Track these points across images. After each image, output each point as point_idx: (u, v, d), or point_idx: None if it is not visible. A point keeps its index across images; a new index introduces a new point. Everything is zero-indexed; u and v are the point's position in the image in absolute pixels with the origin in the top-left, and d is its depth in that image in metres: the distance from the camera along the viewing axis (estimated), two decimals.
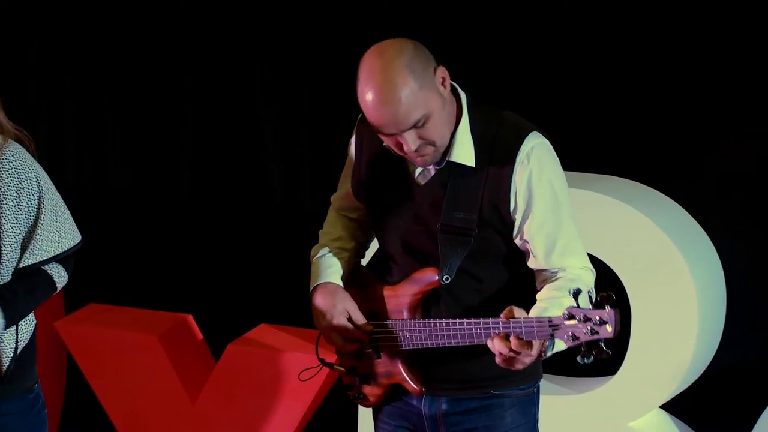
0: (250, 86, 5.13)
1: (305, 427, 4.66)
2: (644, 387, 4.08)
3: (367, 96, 2.90)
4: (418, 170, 3.06)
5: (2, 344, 3.17)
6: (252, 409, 4.58)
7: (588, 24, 4.54)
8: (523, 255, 3.05)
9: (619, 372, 4.13)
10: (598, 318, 2.69)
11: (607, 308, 2.69)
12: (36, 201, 3.13)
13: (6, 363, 3.17)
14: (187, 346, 4.83)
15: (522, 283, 3.07)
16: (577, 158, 3.13)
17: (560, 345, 2.88)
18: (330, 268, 3.23)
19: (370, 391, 3.25)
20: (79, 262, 3.42)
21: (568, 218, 3.03)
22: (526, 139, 2.98)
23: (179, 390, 4.68)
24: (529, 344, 2.82)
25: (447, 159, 3.00)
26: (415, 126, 2.90)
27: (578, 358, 2.74)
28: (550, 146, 3.03)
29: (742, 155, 4.41)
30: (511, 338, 2.82)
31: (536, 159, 2.97)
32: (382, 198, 3.13)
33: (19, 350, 3.20)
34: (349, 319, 3.15)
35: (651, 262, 4.04)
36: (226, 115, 5.20)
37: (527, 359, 2.85)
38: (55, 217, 3.19)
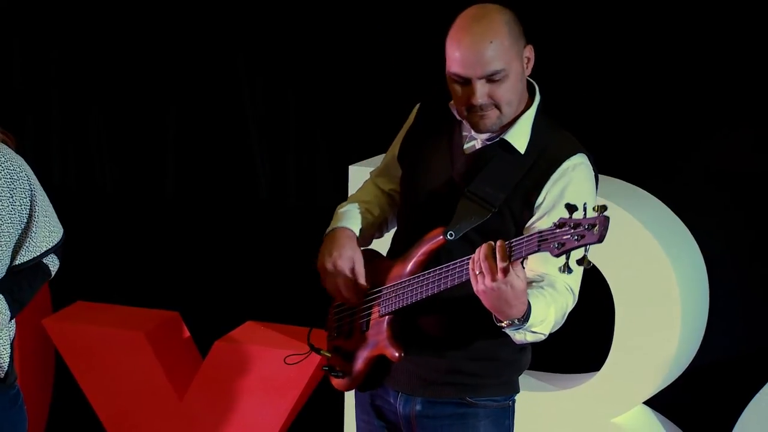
0: (236, 85, 5.12)
1: (292, 423, 4.66)
2: (628, 383, 4.09)
3: (460, 35, 3.01)
4: (469, 143, 3.12)
5: (1, 344, 3.23)
6: (239, 406, 4.59)
7: (570, 22, 4.55)
8: None
9: (602, 368, 4.14)
10: (587, 224, 2.69)
11: (599, 215, 2.69)
12: (28, 200, 3.19)
13: (6, 361, 3.24)
14: (174, 343, 4.84)
15: None
16: None
17: (536, 330, 2.89)
18: (353, 219, 3.26)
19: (352, 368, 3.25)
20: (67, 260, 3.46)
21: None
22: (579, 154, 3.06)
23: (166, 387, 4.69)
24: (509, 266, 2.79)
25: (502, 136, 3.06)
26: (491, 77, 2.98)
27: (559, 269, 2.72)
28: (594, 174, 3.10)
29: (724, 152, 4.42)
30: (497, 246, 2.79)
31: (580, 174, 3.04)
32: (425, 158, 3.18)
33: (12, 349, 3.26)
34: (352, 270, 3.16)
35: (634, 259, 4.05)
36: (211, 114, 5.19)
37: (509, 291, 2.80)
38: (45, 213, 3.25)
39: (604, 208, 2.67)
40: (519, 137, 3.06)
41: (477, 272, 2.84)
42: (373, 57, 4.85)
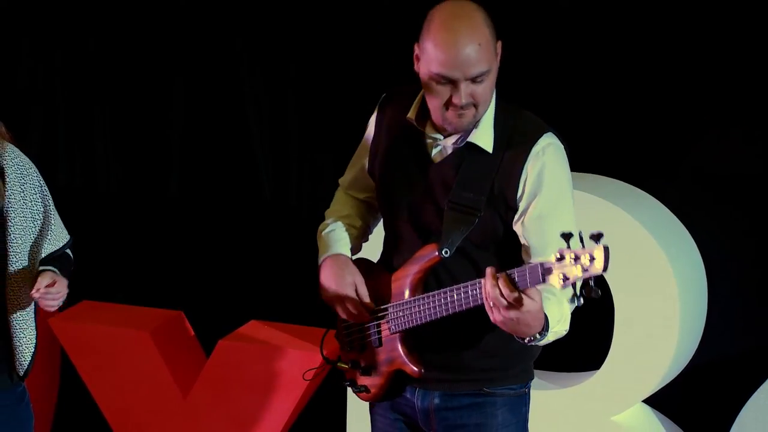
0: (239, 87, 5.13)
1: (295, 421, 4.67)
2: (627, 381, 4.11)
3: (445, 36, 2.97)
4: (436, 149, 3.11)
5: (24, 343, 3.27)
6: (243, 404, 4.60)
7: (569, 23, 4.55)
8: (518, 244, 3.09)
9: (602, 367, 4.16)
10: (588, 255, 2.69)
11: (596, 245, 2.69)
12: (39, 195, 3.28)
13: (28, 360, 3.29)
14: (178, 342, 4.85)
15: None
16: None
17: (557, 331, 2.93)
18: (340, 241, 3.27)
19: (372, 382, 3.28)
20: (73, 258, 3.50)
21: (568, 218, 3.07)
22: (545, 135, 3.06)
23: (171, 385, 4.70)
24: (521, 295, 2.81)
25: (467, 140, 3.06)
26: (476, 78, 2.98)
27: (568, 301, 2.74)
28: (564, 150, 3.09)
29: (722, 153, 4.42)
30: (500, 281, 2.81)
31: (551, 155, 3.04)
32: (396, 172, 3.17)
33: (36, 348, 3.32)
34: (356, 292, 3.19)
35: (633, 259, 4.06)
36: (215, 115, 5.20)
37: (527, 315, 2.83)
38: (56, 210, 3.35)
39: (599, 236, 2.67)
40: (484, 137, 3.06)
41: (491, 305, 2.86)
42: (374, 58, 4.85)
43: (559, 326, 2.96)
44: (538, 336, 2.91)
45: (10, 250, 3.21)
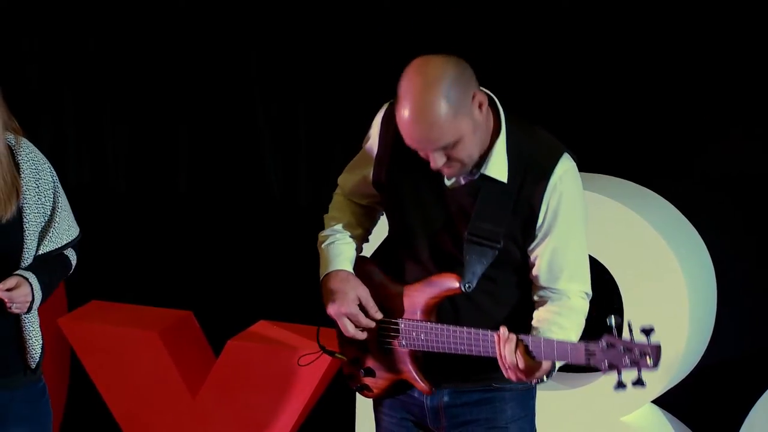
0: (248, 86, 5.13)
1: (304, 421, 4.68)
2: None
3: (403, 111, 2.96)
4: (450, 179, 3.09)
5: (33, 336, 3.30)
6: (251, 404, 4.62)
7: (579, 23, 4.55)
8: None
9: None
10: (638, 351, 2.80)
11: (650, 341, 2.79)
12: (51, 191, 3.31)
13: (38, 352, 3.32)
14: (187, 342, 4.85)
15: (529, 285, 3.15)
16: None
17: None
18: (341, 255, 3.26)
19: (374, 383, 3.30)
20: (82, 259, 3.51)
21: (580, 246, 3.12)
22: (560, 163, 3.04)
23: (180, 385, 4.71)
24: (537, 363, 2.93)
25: (481, 172, 3.04)
26: (444, 148, 2.96)
27: (614, 387, 2.84)
28: (577, 171, 3.10)
29: (732, 154, 4.43)
30: (518, 353, 2.91)
31: (567, 184, 3.05)
32: (408, 195, 3.15)
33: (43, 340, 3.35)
34: (360, 307, 3.19)
35: (643, 259, 4.08)
36: (224, 115, 5.20)
37: (539, 372, 2.96)
38: (65, 207, 3.37)
39: (651, 330, 2.76)
40: (497, 167, 3.05)
41: (506, 367, 2.95)
42: (381, 59, 4.84)
43: None
44: (545, 378, 3.01)
45: (25, 245, 3.24)
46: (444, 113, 2.91)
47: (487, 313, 3.13)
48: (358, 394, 4.35)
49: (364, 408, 4.42)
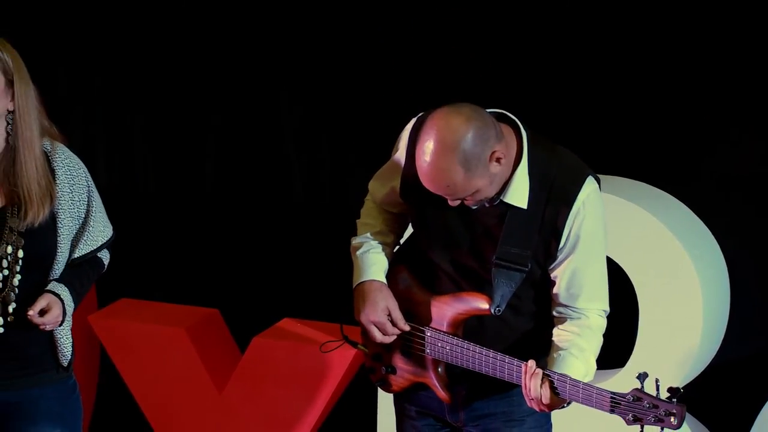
0: (273, 90, 5.15)
1: (327, 417, 4.70)
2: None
3: (421, 163, 3.00)
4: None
5: (64, 335, 3.32)
6: (276, 399, 4.64)
7: (594, 24, 4.55)
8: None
9: (627, 364, 4.18)
10: (664, 410, 2.84)
11: (676, 403, 2.83)
12: (86, 196, 3.33)
13: (69, 351, 3.34)
14: (214, 339, 4.88)
15: (548, 298, 3.21)
16: (584, 159, 3.19)
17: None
18: (375, 265, 3.31)
19: (395, 381, 3.36)
20: (112, 258, 3.53)
21: (600, 267, 3.16)
22: (583, 187, 3.08)
23: (207, 381, 4.74)
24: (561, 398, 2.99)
25: (501, 198, 3.08)
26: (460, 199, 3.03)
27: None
28: (599, 192, 3.13)
29: (744, 155, 4.42)
30: (544, 388, 2.97)
31: (590, 208, 3.09)
32: (432, 211, 3.18)
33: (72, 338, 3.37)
34: (389, 316, 3.25)
35: (657, 259, 4.09)
36: (250, 119, 5.22)
37: (560, 404, 3.04)
38: (100, 209, 3.39)
39: (677, 391, 2.81)
40: (518, 194, 3.08)
41: (530, 398, 3.02)
42: (401, 63, 4.88)
43: (586, 378, 3.08)
44: (564, 405, 3.07)
45: (58, 250, 3.26)
46: (460, 178, 2.97)
47: (510, 324, 3.19)
48: (379, 389, 4.43)
49: (385, 402, 4.42)
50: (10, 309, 3.21)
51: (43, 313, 3.20)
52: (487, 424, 3.29)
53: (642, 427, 2.87)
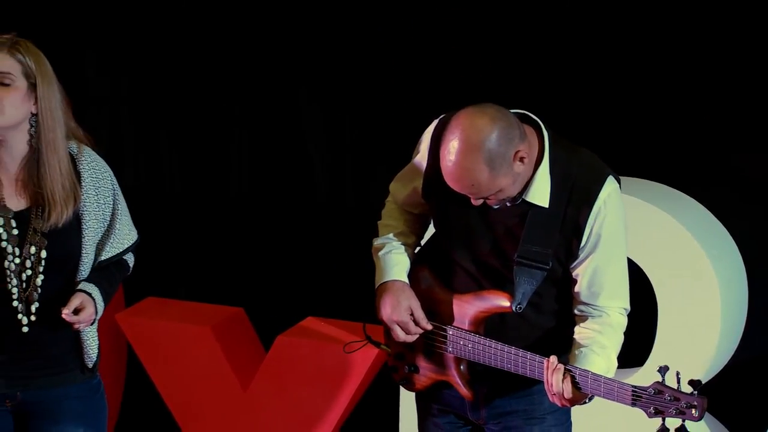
0: (295, 92, 5.17)
1: (350, 415, 4.73)
2: None
3: (446, 162, 3.03)
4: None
5: (90, 337, 3.33)
6: (300, 396, 4.66)
7: (615, 26, 4.55)
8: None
9: (645, 363, 4.19)
10: (686, 403, 2.86)
11: (697, 395, 2.85)
12: (111, 199, 3.33)
13: (95, 353, 3.35)
14: (239, 337, 4.91)
15: (569, 296, 3.23)
16: (604, 160, 3.21)
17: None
18: (397, 266, 3.34)
19: (417, 379, 3.38)
20: (138, 257, 3.54)
21: (621, 265, 3.19)
22: (604, 186, 3.10)
23: (231, 378, 4.77)
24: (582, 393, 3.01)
25: (523, 197, 3.11)
26: (483, 197, 3.06)
27: (657, 431, 2.92)
28: (620, 192, 3.15)
29: (763, 157, 4.42)
30: (565, 383, 2.99)
31: (611, 207, 3.11)
32: (454, 211, 3.21)
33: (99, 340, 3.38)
34: (411, 316, 3.28)
35: (676, 260, 4.11)
36: (274, 120, 5.23)
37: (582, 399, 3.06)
38: (125, 212, 3.40)
39: (698, 383, 2.82)
40: (540, 193, 3.10)
41: (552, 393, 3.04)
42: (422, 65, 4.89)
43: (608, 373, 3.10)
44: (586, 401, 3.09)
45: (83, 251, 3.26)
46: (485, 177, 3.00)
47: (531, 322, 3.22)
48: (401, 387, 4.46)
49: (407, 400, 4.43)
50: (33, 308, 3.22)
51: (77, 311, 3.21)
52: (508, 422, 3.32)
53: (663, 420, 2.88)
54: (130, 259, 3.48)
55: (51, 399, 3.31)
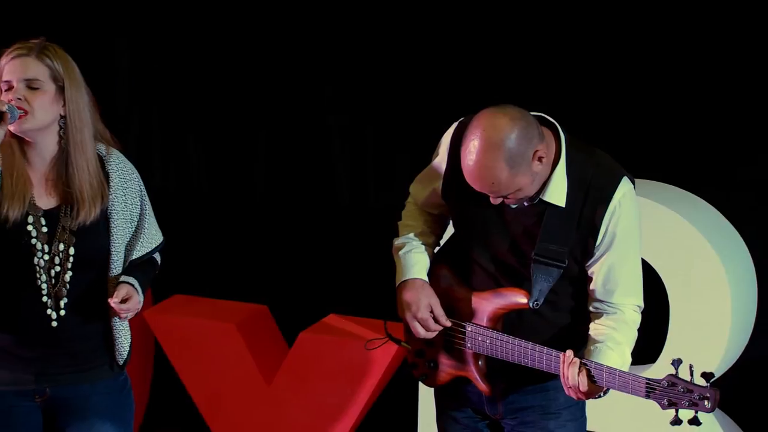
0: (320, 95, 5.21)
1: (370, 410, 4.77)
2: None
3: (466, 161, 3.06)
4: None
5: (122, 334, 3.37)
6: (321, 391, 4.72)
7: (630, 29, 4.55)
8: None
9: (657, 360, 4.21)
10: (698, 395, 2.89)
11: (710, 387, 2.89)
12: (138, 200, 3.37)
13: (126, 350, 3.39)
14: (262, 333, 4.96)
15: (585, 293, 3.28)
16: (618, 162, 3.25)
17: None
18: (417, 265, 3.38)
19: (437, 375, 3.43)
20: (166, 256, 3.58)
21: (635, 264, 3.23)
22: (619, 186, 3.14)
23: (255, 374, 4.83)
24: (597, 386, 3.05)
25: (540, 197, 3.15)
26: (502, 196, 3.12)
27: (670, 422, 2.95)
28: (634, 193, 3.20)
29: None
30: (581, 376, 3.02)
31: (626, 207, 3.14)
32: (473, 211, 3.25)
33: (131, 339, 3.41)
34: (431, 313, 3.33)
35: (687, 260, 4.13)
36: (298, 123, 5.25)
37: (597, 392, 3.10)
38: (152, 214, 3.45)
39: (710, 375, 2.84)
40: (557, 193, 3.14)
41: (568, 386, 3.08)
42: (444, 68, 4.90)
43: (622, 367, 3.15)
44: (602, 394, 3.14)
45: (113, 250, 3.30)
46: (505, 176, 3.03)
47: (547, 319, 3.26)
48: (420, 383, 4.52)
49: (426, 395, 4.46)
50: (62, 304, 3.25)
51: (123, 302, 3.23)
52: (524, 417, 3.36)
53: (677, 412, 2.91)
54: (157, 257, 3.53)
55: (79, 395, 3.34)
